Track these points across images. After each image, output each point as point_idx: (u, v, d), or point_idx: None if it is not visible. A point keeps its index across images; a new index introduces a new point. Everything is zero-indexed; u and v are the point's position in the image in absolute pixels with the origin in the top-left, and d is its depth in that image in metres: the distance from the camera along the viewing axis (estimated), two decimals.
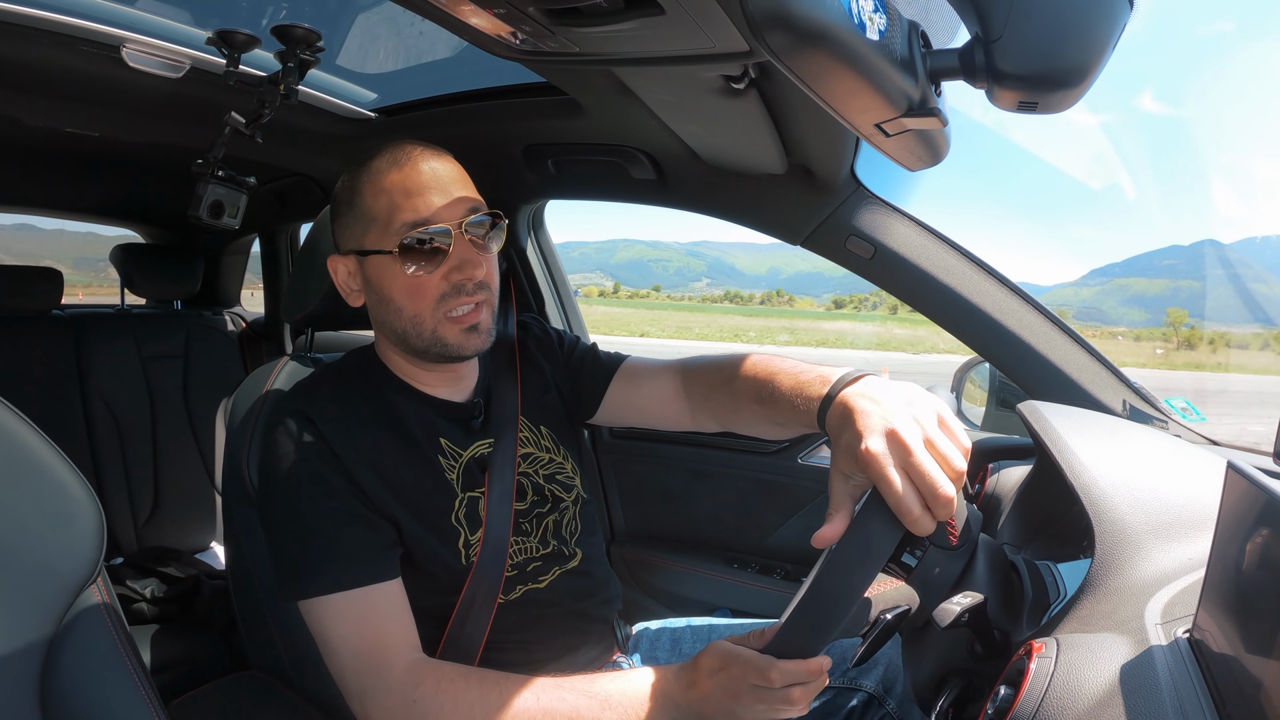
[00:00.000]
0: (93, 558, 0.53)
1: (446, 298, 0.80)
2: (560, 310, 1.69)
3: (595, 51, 0.79)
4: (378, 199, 0.79)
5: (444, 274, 0.79)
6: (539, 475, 0.91)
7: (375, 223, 0.79)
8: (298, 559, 0.75)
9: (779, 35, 0.53)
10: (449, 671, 0.72)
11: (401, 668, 0.72)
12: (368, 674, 0.72)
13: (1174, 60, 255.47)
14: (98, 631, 0.54)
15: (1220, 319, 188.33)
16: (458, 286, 0.80)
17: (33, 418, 0.52)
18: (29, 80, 1.16)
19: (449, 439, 0.86)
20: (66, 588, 0.51)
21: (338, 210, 0.85)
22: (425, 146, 0.83)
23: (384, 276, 0.80)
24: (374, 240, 0.80)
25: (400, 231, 0.78)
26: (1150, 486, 0.70)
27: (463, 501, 0.84)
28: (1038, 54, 0.54)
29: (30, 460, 0.50)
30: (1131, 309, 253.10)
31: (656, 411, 0.97)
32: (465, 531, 0.83)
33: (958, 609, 0.61)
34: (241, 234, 2.27)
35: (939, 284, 1.13)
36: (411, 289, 0.79)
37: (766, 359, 0.85)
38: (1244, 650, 0.42)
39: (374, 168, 0.81)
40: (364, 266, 0.83)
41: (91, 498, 0.53)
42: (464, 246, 0.80)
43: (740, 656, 0.64)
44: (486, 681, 0.71)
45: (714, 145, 1.12)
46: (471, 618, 0.82)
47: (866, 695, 0.91)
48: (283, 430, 0.79)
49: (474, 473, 0.86)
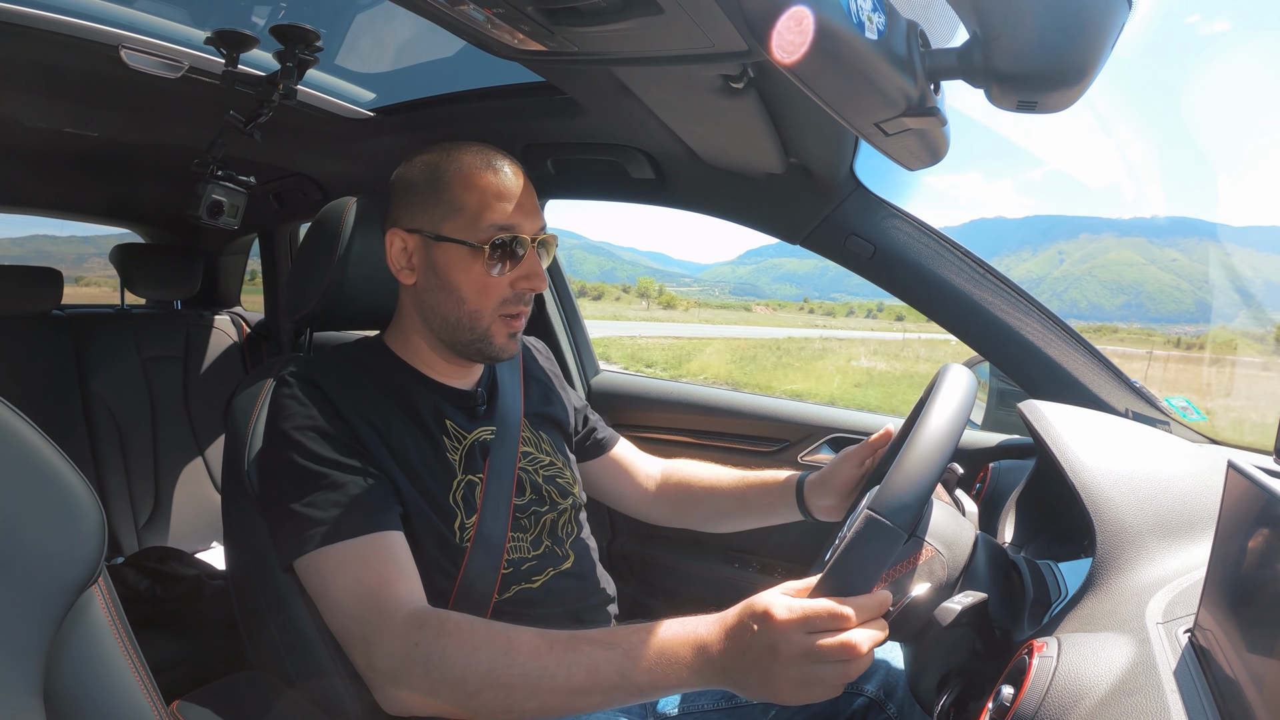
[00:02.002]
0: (94, 558, 0.53)
1: (508, 303, 0.85)
2: (560, 312, 1.69)
3: (594, 51, 0.79)
4: (470, 193, 0.83)
5: (512, 280, 0.84)
6: (538, 474, 0.93)
7: (462, 214, 0.82)
8: (298, 514, 0.74)
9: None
10: (455, 618, 0.69)
11: (405, 613, 0.70)
12: (369, 620, 0.70)
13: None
14: (99, 632, 0.54)
15: (859, 295, 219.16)
16: (519, 295, 0.85)
17: (33, 418, 0.52)
18: (28, 80, 1.16)
19: (454, 421, 0.88)
20: (68, 588, 0.51)
21: (411, 189, 0.86)
22: (512, 159, 0.87)
23: (455, 266, 0.83)
24: (456, 230, 0.83)
25: (489, 231, 0.82)
26: (1151, 485, 0.70)
27: (461, 483, 0.85)
28: (1036, 53, 0.54)
29: (31, 460, 0.50)
30: (783, 285, 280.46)
31: (624, 504, 1.14)
32: (461, 514, 0.84)
33: (959, 608, 0.61)
34: (241, 234, 2.27)
35: (939, 283, 1.13)
36: (482, 286, 0.83)
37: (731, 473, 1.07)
38: (1245, 649, 0.42)
39: (465, 162, 0.84)
40: (431, 250, 0.84)
41: (93, 498, 0.53)
42: (534, 259, 0.85)
43: (793, 604, 0.58)
44: (494, 629, 0.68)
45: (713, 145, 1.12)
46: (468, 610, 0.82)
47: (867, 700, 0.91)
48: (287, 393, 0.81)
49: (475, 458, 0.87)
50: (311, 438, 0.78)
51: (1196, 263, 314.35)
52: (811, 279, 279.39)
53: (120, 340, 1.95)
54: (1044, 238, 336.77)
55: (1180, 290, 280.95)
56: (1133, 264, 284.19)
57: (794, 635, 0.57)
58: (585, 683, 0.63)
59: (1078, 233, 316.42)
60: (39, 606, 0.49)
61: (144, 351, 1.98)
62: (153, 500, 1.90)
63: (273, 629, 0.89)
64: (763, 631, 0.59)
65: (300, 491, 0.76)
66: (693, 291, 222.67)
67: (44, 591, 0.49)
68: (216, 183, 1.30)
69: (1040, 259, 45.37)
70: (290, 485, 0.77)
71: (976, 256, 1.13)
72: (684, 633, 0.63)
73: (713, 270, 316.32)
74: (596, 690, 0.63)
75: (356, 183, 1.64)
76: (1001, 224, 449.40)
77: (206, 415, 2.05)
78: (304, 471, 0.77)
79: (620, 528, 1.62)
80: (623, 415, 1.60)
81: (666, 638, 0.64)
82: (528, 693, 0.64)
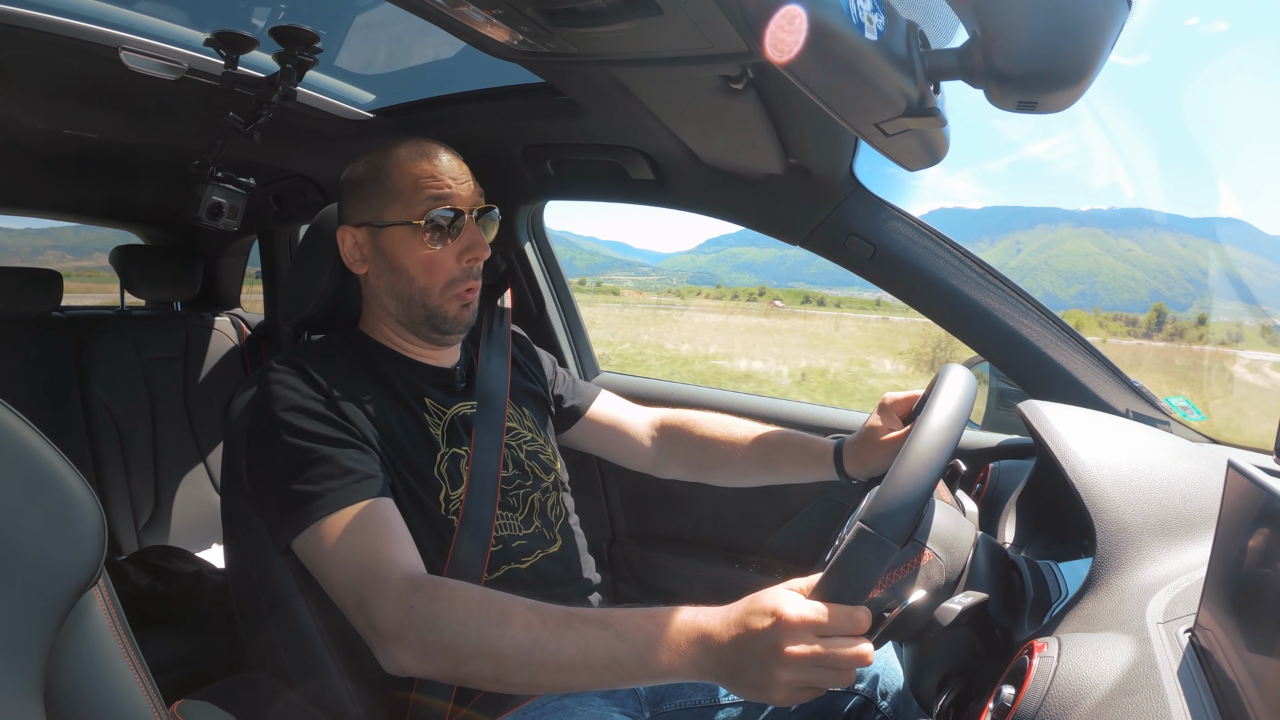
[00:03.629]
0: (94, 559, 0.53)
1: (455, 281, 0.89)
2: (560, 311, 1.69)
3: (594, 52, 0.79)
4: (404, 179, 0.87)
5: (456, 253, 0.88)
6: (520, 450, 0.95)
7: (399, 198, 0.87)
8: (292, 492, 0.75)
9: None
10: (450, 584, 0.70)
11: (400, 575, 0.70)
12: (366, 584, 0.70)
13: None
14: (100, 633, 0.54)
15: (824, 283, 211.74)
16: (466, 270, 0.89)
17: (33, 419, 0.52)
18: (27, 81, 1.16)
19: (432, 398, 0.91)
20: (68, 589, 0.51)
21: (356, 186, 0.90)
22: (444, 145, 0.92)
23: (401, 248, 0.87)
24: (396, 213, 0.87)
25: (425, 205, 0.86)
26: (1151, 485, 0.70)
27: (445, 455, 0.87)
28: (1036, 53, 0.54)
29: (31, 462, 0.50)
30: (742, 274, 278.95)
31: (629, 463, 1.14)
32: (446, 486, 0.85)
33: (959, 608, 0.61)
34: (240, 235, 2.27)
35: (938, 283, 1.13)
36: (428, 263, 0.87)
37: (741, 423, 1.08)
38: (1245, 649, 0.42)
39: (399, 153, 0.89)
40: (378, 238, 0.88)
41: (93, 499, 0.53)
42: (474, 230, 0.89)
43: (803, 606, 0.58)
44: (490, 598, 0.68)
45: (713, 145, 1.12)
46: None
47: (862, 699, 0.91)
48: (273, 379, 0.82)
49: (458, 431, 0.90)
50: (299, 417, 0.79)
51: (1151, 253, 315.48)
52: (770, 268, 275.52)
53: (120, 342, 1.95)
54: (1001, 228, 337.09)
55: (1135, 280, 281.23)
56: (1088, 254, 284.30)
57: (803, 636, 0.57)
58: (574, 660, 0.63)
59: (1035, 223, 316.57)
60: (39, 607, 0.49)
61: (144, 353, 1.98)
62: (153, 501, 1.90)
63: (272, 629, 0.89)
64: (770, 630, 0.58)
65: (292, 470, 0.76)
66: (650, 281, 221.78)
67: (44, 593, 0.49)
68: (216, 184, 1.30)
69: (998, 249, 45.01)
70: (282, 465, 0.77)
71: (977, 257, 1.13)
72: (683, 621, 0.63)
73: (673, 260, 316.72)
74: (585, 669, 0.63)
75: None
76: (960, 214, 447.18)
77: (206, 416, 2.05)
78: (293, 449, 0.77)
79: (620, 528, 1.62)
80: None
81: (664, 624, 0.63)
82: (517, 664, 0.64)
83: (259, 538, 0.86)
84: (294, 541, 0.75)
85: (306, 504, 0.75)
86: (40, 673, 0.48)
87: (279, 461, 0.78)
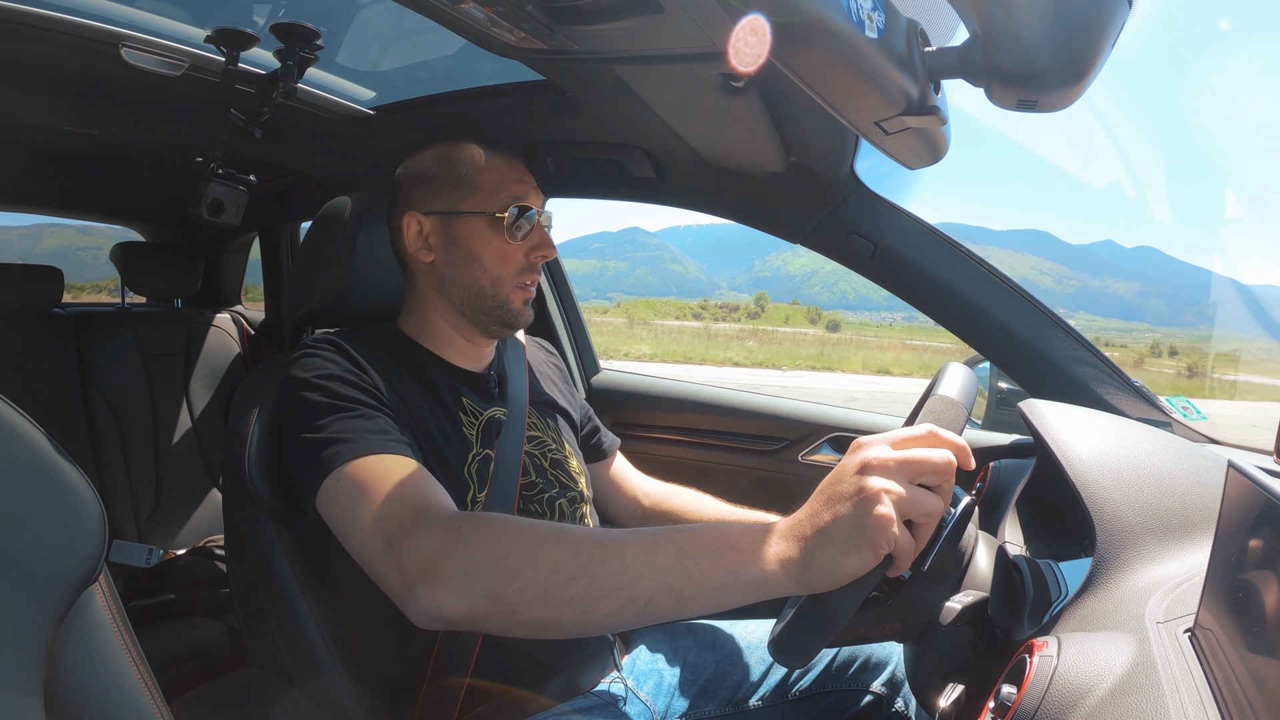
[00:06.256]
0: (95, 556, 0.53)
1: (524, 271, 0.92)
2: (561, 311, 1.69)
3: (595, 49, 0.79)
4: (484, 173, 0.91)
5: (526, 250, 0.92)
6: (544, 459, 0.95)
7: (480, 190, 0.90)
8: (326, 437, 0.74)
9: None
10: (496, 514, 0.68)
11: (447, 513, 0.68)
12: (409, 518, 0.67)
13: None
14: (100, 630, 0.54)
15: (643, 292, 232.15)
16: (532, 264, 0.92)
17: (34, 416, 0.52)
18: (28, 79, 1.16)
19: (470, 399, 0.92)
20: (69, 586, 0.51)
21: (424, 176, 0.92)
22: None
23: (477, 238, 0.90)
24: (475, 204, 0.90)
25: (507, 201, 0.90)
26: (1151, 485, 0.70)
27: (477, 456, 0.87)
28: (1037, 52, 0.54)
29: (33, 458, 0.50)
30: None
31: (613, 516, 1.15)
32: (474, 487, 0.85)
33: (959, 607, 0.61)
34: (242, 232, 2.27)
35: (939, 282, 1.12)
36: (502, 254, 0.90)
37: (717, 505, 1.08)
38: (1245, 649, 0.42)
39: (474, 150, 0.92)
40: (450, 226, 0.90)
41: (94, 496, 0.53)
42: (544, 230, 0.94)
43: (881, 444, 0.55)
44: (542, 524, 0.65)
45: (714, 143, 1.12)
46: None
47: (874, 696, 0.91)
48: (310, 352, 0.83)
49: (491, 435, 0.91)
50: (336, 383, 0.79)
51: None
52: (590, 279, 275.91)
53: (121, 339, 1.95)
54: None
55: None
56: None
57: (886, 461, 0.54)
58: (638, 560, 0.58)
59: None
60: (40, 604, 0.49)
61: (145, 350, 1.99)
62: (154, 498, 1.90)
63: (274, 627, 0.89)
64: (851, 467, 0.55)
65: (328, 422, 0.75)
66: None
67: (45, 589, 0.49)
68: (217, 181, 1.30)
69: (813, 253, 44.11)
70: (318, 417, 0.76)
71: (978, 256, 1.13)
72: (756, 520, 0.62)
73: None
74: (651, 571, 0.58)
75: (357, 181, 1.64)
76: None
77: (207, 413, 2.05)
78: (330, 407, 0.76)
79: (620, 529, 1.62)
80: (622, 414, 1.60)
81: (736, 524, 0.60)
82: (574, 571, 0.59)
83: (262, 535, 0.87)
84: (325, 481, 0.72)
85: (348, 442, 0.73)
86: (40, 670, 0.48)
87: (315, 415, 0.76)
